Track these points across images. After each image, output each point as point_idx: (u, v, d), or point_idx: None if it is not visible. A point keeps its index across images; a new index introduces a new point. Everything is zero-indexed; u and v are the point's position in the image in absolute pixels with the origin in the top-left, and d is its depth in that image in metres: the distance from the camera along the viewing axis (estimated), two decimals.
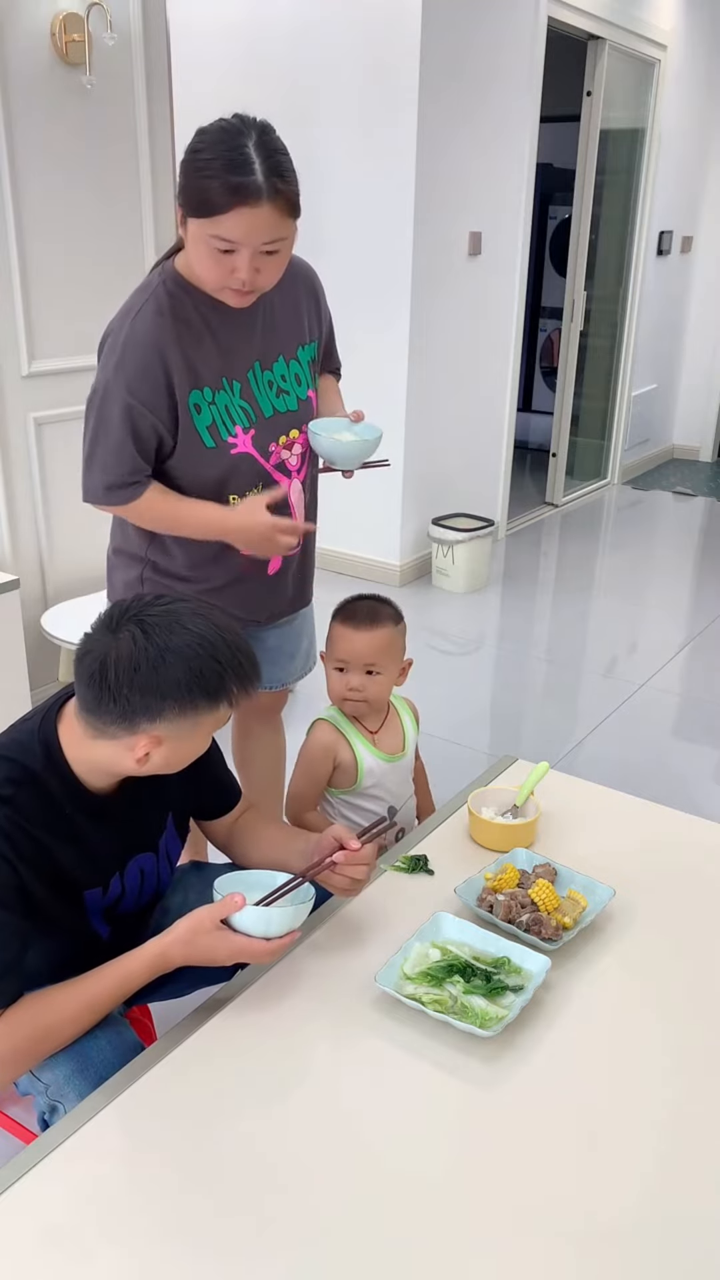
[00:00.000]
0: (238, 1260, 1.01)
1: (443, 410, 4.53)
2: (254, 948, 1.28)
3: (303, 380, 1.83)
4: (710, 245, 6.61)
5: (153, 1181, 1.08)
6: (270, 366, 1.77)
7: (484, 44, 4.14)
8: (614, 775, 2.94)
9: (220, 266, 1.57)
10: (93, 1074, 1.25)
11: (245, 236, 1.53)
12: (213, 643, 1.25)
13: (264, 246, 1.55)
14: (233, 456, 1.73)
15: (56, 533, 3.08)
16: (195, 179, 1.52)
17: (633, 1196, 1.08)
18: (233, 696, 1.27)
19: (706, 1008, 1.34)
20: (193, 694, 1.23)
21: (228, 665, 1.25)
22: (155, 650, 1.22)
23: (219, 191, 1.49)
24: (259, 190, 1.48)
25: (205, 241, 1.55)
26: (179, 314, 1.67)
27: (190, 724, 1.26)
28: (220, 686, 1.25)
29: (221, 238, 1.53)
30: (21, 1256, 1.01)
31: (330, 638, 1.85)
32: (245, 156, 1.48)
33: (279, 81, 4.16)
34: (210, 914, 1.27)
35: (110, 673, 1.21)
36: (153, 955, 1.28)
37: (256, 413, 1.75)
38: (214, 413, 1.70)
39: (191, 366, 1.67)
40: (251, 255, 1.55)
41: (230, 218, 1.50)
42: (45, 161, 2.80)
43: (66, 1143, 1.12)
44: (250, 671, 1.29)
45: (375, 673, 1.82)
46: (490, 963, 1.35)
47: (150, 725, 1.23)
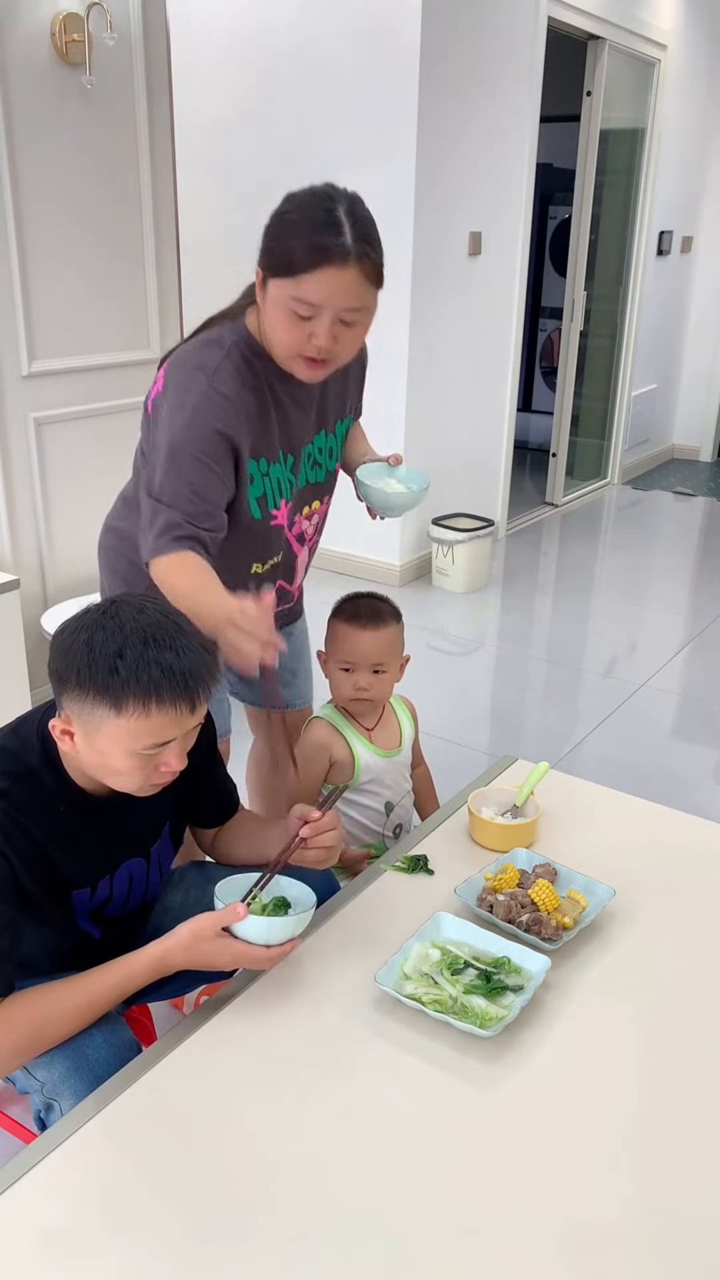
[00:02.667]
0: (238, 1260, 1.01)
1: (443, 410, 4.53)
2: (254, 954, 1.28)
3: (334, 454, 1.81)
4: (710, 245, 6.61)
5: (152, 1181, 1.08)
6: (312, 440, 1.74)
7: (484, 44, 4.14)
8: (614, 775, 2.94)
9: (298, 331, 1.51)
10: (88, 1073, 1.25)
11: (327, 299, 1.48)
12: (128, 636, 1.19)
13: (344, 314, 1.50)
14: (270, 528, 1.71)
15: (56, 533, 3.08)
16: (282, 239, 1.49)
17: (633, 1196, 1.08)
18: (125, 702, 1.18)
19: (707, 1007, 1.34)
20: (83, 677, 1.19)
21: (128, 665, 1.18)
22: (85, 623, 1.22)
23: (305, 250, 1.45)
24: (346, 251, 1.45)
25: (285, 304, 1.50)
26: (253, 383, 1.60)
27: (91, 719, 1.20)
28: (111, 683, 1.18)
29: (303, 300, 1.48)
30: (21, 1257, 1.01)
31: (333, 638, 1.85)
32: (335, 218, 1.46)
33: (279, 81, 4.16)
34: (212, 921, 1.27)
35: (54, 638, 1.24)
36: (154, 957, 1.28)
37: (294, 485, 1.74)
38: (266, 485, 1.67)
39: (253, 439, 1.61)
40: (331, 322, 1.50)
41: (314, 278, 1.46)
42: (45, 161, 2.80)
43: (66, 1143, 1.12)
44: (160, 686, 1.18)
45: (381, 671, 1.83)
46: (490, 963, 1.35)
47: (63, 698, 1.23)
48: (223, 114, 4.31)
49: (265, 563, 1.77)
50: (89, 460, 3.09)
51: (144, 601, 1.26)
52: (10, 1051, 1.23)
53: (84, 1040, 1.28)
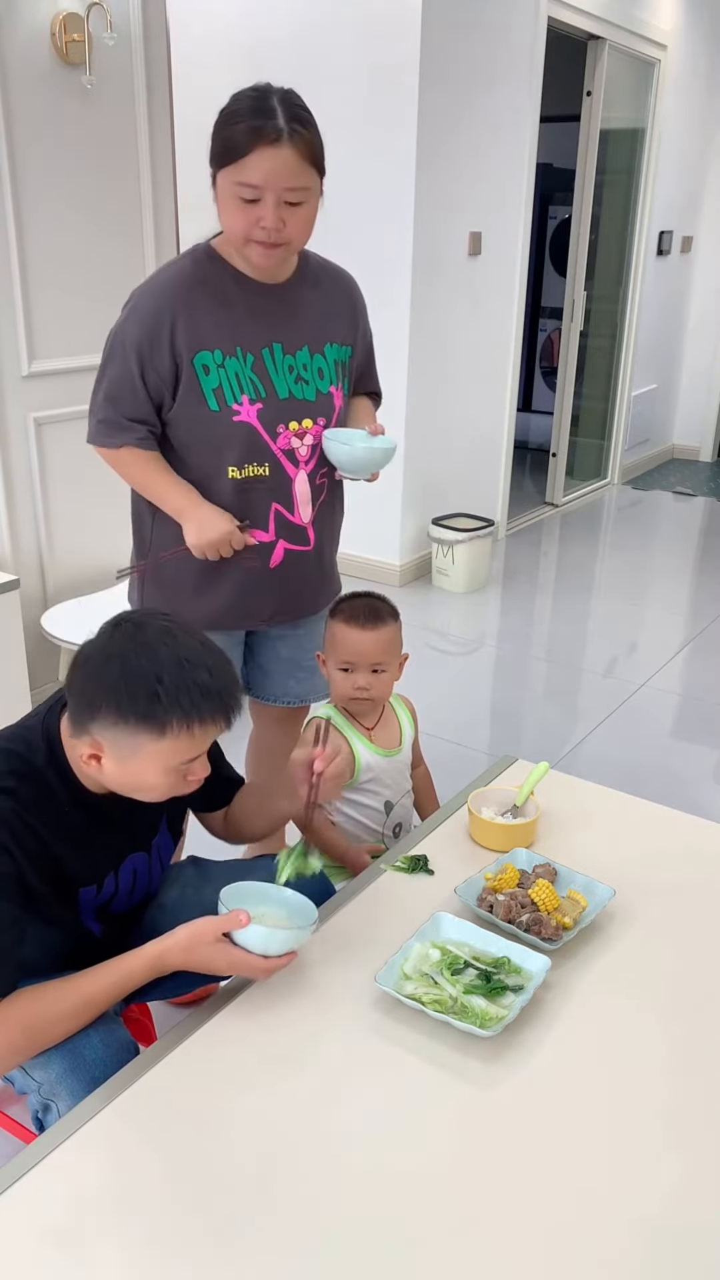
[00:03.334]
0: (237, 1260, 1.01)
1: (443, 410, 4.52)
2: (251, 963, 1.28)
3: (326, 375, 1.85)
4: (710, 245, 6.61)
5: (152, 1181, 1.08)
6: (292, 352, 1.80)
7: (484, 44, 4.13)
8: (614, 775, 2.94)
9: (246, 216, 1.63)
10: (85, 1073, 1.25)
11: (267, 179, 1.59)
12: (161, 663, 1.20)
13: (287, 194, 1.62)
14: (234, 424, 1.75)
15: (56, 533, 3.08)
16: (222, 130, 1.62)
17: (633, 1196, 1.08)
18: (169, 725, 1.21)
19: (706, 1007, 1.34)
20: (124, 707, 1.20)
21: (168, 691, 1.20)
22: (107, 651, 1.22)
23: (242, 134, 1.58)
24: (279, 131, 1.58)
25: (231, 192, 1.62)
26: (199, 276, 1.74)
27: (128, 743, 1.22)
28: (153, 711, 1.20)
29: (245, 183, 1.60)
30: (21, 1257, 1.01)
31: (332, 638, 1.85)
32: (269, 105, 1.59)
33: (279, 81, 4.14)
34: (214, 926, 1.28)
35: (79, 668, 1.24)
36: (151, 956, 1.28)
37: (268, 389, 1.77)
38: (222, 376, 1.74)
39: (199, 328, 1.72)
40: (276, 203, 1.61)
41: (252, 159, 1.58)
42: (45, 161, 2.80)
43: (66, 1143, 1.12)
44: (199, 706, 1.22)
45: (381, 671, 1.83)
46: (490, 963, 1.35)
47: (92, 726, 1.23)
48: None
49: (242, 468, 1.79)
50: (89, 460, 3.06)
51: (167, 622, 1.27)
52: (8, 1051, 1.23)
53: (81, 1041, 1.28)
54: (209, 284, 1.74)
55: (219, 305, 1.74)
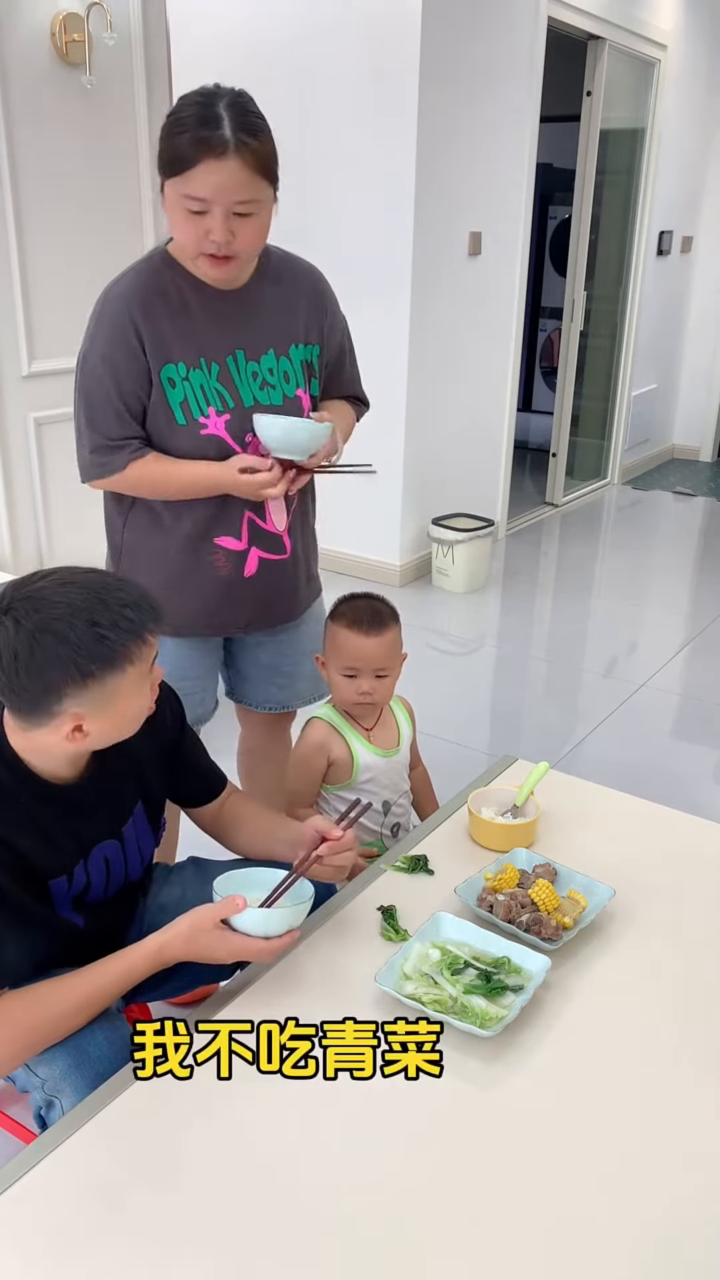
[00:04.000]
0: (237, 1259, 1.01)
1: (443, 410, 4.52)
2: (253, 947, 1.28)
3: (292, 378, 1.80)
4: (710, 245, 6.61)
5: (152, 1181, 1.08)
6: (256, 358, 1.75)
7: (484, 44, 4.14)
8: (614, 775, 2.94)
9: (195, 229, 1.57)
10: (89, 1070, 1.25)
11: (214, 192, 1.53)
12: (83, 608, 1.19)
13: (236, 206, 1.55)
14: (201, 437, 1.72)
15: (56, 533, 3.08)
16: (168, 138, 1.55)
17: (633, 1196, 1.08)
18: (130, 652, 1.22)
19: (707, 1007, 1.34)
20: (83, 665, 1.19)
21: (108, 625, 1.20)
22: (26, 634, 1.18)
23: (187, 144, 1.51)
24: (225, 143, 1.50)
25: (178, 203, 1.56)
26: (158, 286, 1.69)
27: (103, 692, 1.22)
28: (110, 649, 1.20)
29: (192, 195, 1.54)
30: (22, 1256, 1.01)
31: (334, 643, 1.84)
32: (215, 114, 1.51)
33: (279, 81, 4.16)
34: (211, 913, 1.28)
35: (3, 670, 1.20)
36: (153, 949, 1.28)
37: (235, 399, 1.74)
38: (187, 389, 1.70)
39: (164, 339, 1.68)
40: (224, 216, 1.55)
41: (198, 172, 1.51)
42: (45, 161, 2.80)
43: (67, 1142, 1.12)
44: (139, 618, 1.23)
45: (384, 674, 1.83)
46: (490, 963, 1.35)
47: (60, 706, 1.21)
48: None
49: None
50: None
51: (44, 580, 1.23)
52: (10, 1050, 1.23)
53: (85, 1037, 1.27)
54: (167, 293, 1.69)
55: (180, 315, 1.69)
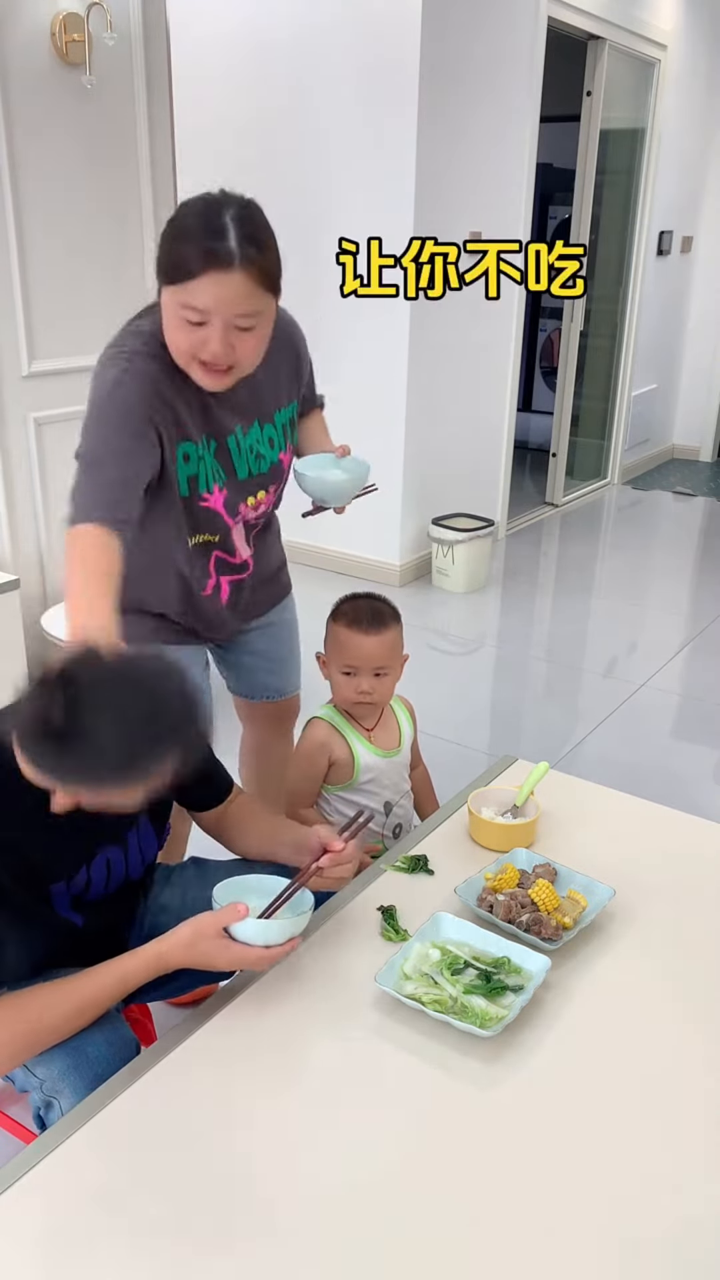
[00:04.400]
0: (237, 1260, 1.01)
1: (443, 410, 4.52)
2: (252, 955, 1.28)
3: (276, 443, 1.79)
4: (710, 245, 6.61)
5: (153, 1181, 1.08)
6: (247, 431, 1.73)
7: (484, 44, 4.13)
8: (614, 775, 2.94)
9: (191, 339, 1.51)
10: (88, 1071, 1.25)
11: (215, 305, 1.47)
12: (129, 725, 1.12)
13: (237, 320, 1.49)
14: (200, 508, 1.71)
15: (56, 533, 3.08)
16: (169, 246, 1.49)
17: (633, 1196, 1.08)
18: (147, 780, 1.15)
19: (707, 1007, 1.34)
20: (100, 778, 1.14)
21: (142, 756, 1.13)
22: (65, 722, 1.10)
23: (191, 256, 1.45)
24: (230, 256, 1.44)
25: (176, 312, 1.50)
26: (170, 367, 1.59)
27: (99, 796, 1.17)
28: (130, 777, 1.14)
29: (192, 306, 1.47)
30: (21, 1256, 1.01)
31: (334, 642, 1.84)
32: (221, 224, 1.45)
33: (279, 81, 4.16)
34: (213, 921, 1.28)
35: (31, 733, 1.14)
36: (152, 955, 1.28)
37: (229, 474, 1.72)
38: (201, 467, 1.67)
39: (180, 416, 1.62)
40: (224, 329, 1.49)
41: (200, 283, 1.45)
42: (45, 161, 2.80)
43: (67, 1143, 1.12)
44: (173, 751, 1.15)
45: (384, 674, 1.83)
46: (490, 963, 1.35)
47: (60, 787, 1.17)
48: (223, 114, 4.31)
49: (194, 536, 1.74)
50: None
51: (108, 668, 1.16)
52: (6, 1053, 1.23)
53: (84, 1038, 1.28)
54: (173, 374, 1.60)
55: (188, 392, 1.61)
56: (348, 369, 4.10)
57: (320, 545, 4.56)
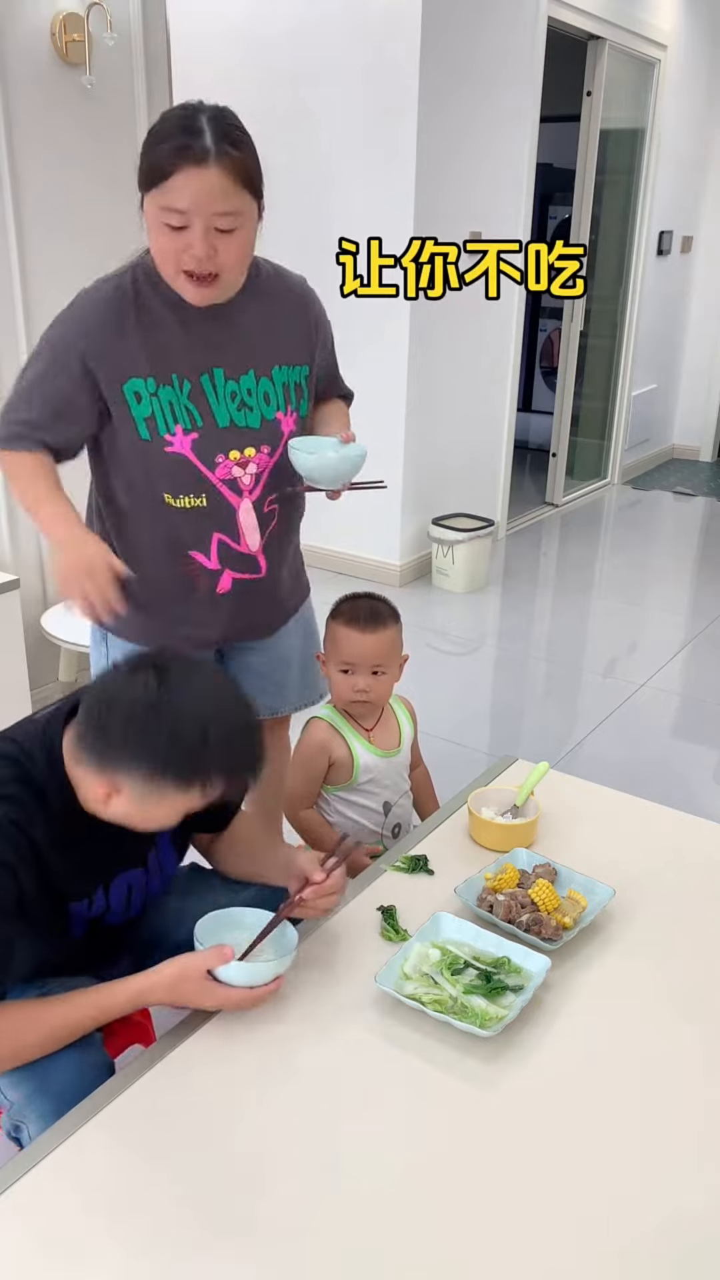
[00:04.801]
0: (236, 1260, 1.01)
1: (443, 410, 4.52)
2: (236, 997, 1.27)
3: (273, 400, 1.73)
4: (710, 245, 6.61)
5: (151, 1182, 1.08)
6: (235, 377, 1.69)
7: (484, 44, 4.13)
8: (614, 775, 2.94)
9: (174, 243, 1.52)
10: (52, 1095, 1.23)
11: (193, 202, 1.47)
12: (209, 723, 1.19)
13: (217, 220, 1.49)
14: (165, 454, 1.67)
15: None
16: (148, 151, 1.51)
17: (633, 1196, 1.08)
18: (206, 782, 1.21)
19: (707, 1007, 1.34)
20: (164, 766, 1.19)
21: (213, 751, 1.20)
22: (153, 702, 1.18)
23: (166, 154, 1.47)
24: (205, 151, 1.46)
25: (158, 218, 1.51)
26: (139, 299, 1.63)
27: (154, 792, 1.21)
28: (194, 768, 1.20)
29: (171, 208, 1.48)
30: (19, 1259, 1.01)
31: (332, 640, 1.85)
32: (196, 123, 1.47)
33: (279, 81, 4.16)
34: (197, 963, 1.26)
35: (109, 709, 1.20)
36: (133, 993, 1.27)
37: (206, 418, 1.68)
38: (155, 405, 1.64)
39: (132, 353, 1.62)
40: (205, 229, 1.49)
41: (177, 180, 1.46)
42: (45, 161, 2.80)
43: (66, 1143, 1.12)
44: (237, 766, 1.23)
45: (381, 673, 1.83)
46: (490, 963, 1.35)
47: (117, 771, 1.21)
48: None
49: (178, 497, 1.70)
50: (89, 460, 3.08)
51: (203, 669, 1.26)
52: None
53: (51, 1064, 1.26)
54: (147, 306, 1.62)
55: (155, 329, 1.63)
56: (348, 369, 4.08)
57: (320, 545, 4.55)
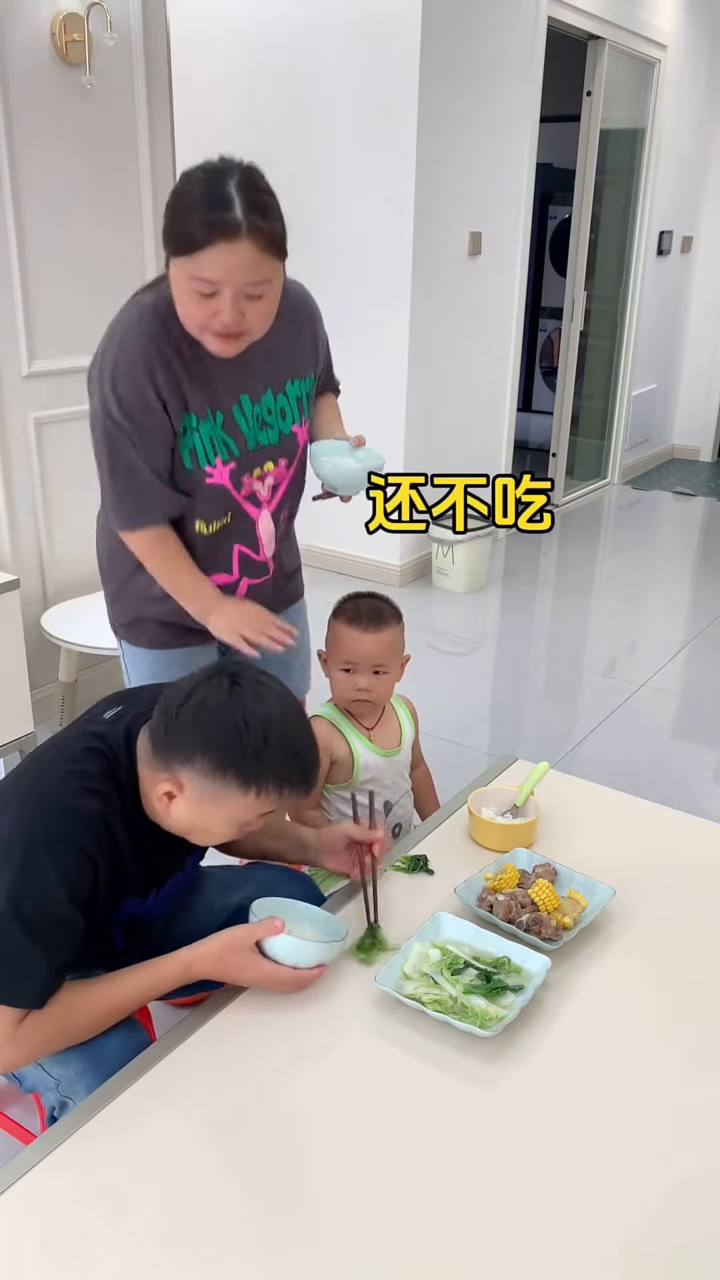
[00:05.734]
0: (237, 1259, 1.01)
1: (443, 410, 4.52)
2: (281, 975, 1.29)
3: (288, 414, 1.78)
4: (710, 245, 6.61)
5: (153, 1181, 1.08)
6: (257, 399, 1.73)
7: (484, 44, 4.13)
8: (614, 775, 2.94)
9: (203, 309, 1.53)
10: (105, 1070, 1.25)
11: (225, 275, 1.49)
12: (274, 726, 1.23)
13: (246, 288, 1.51)
14: (207, 485, 1.71)
15: (56, 533, 3.08)
16: (175, 219, 1.51)
17: (633, 1196, 1.08)
18: (263, 786, 1.23)
19: (707, 1007, 1.34)
20: (226, 759, 1.22)
21: (274, 753, 1.23)
22: (234, 703, 1.23)
23: (198, 228, 1.46)
24: (237, 225, 1.45)
25: (186, 284, 1.52)
26: (167, 338, 1.63)
27: (214, 792, 1.24)
28: (255, 768, 1.23)
29: (202, 278, 1.49)
30: (22, 1256, 1.01)
31: (334, 639, 1.85)
32: (225, 194, 1.46)
33: (279, 82, 4.16)
34: (248, 934, 1.29)
35: (181, 707, 1.24)
36: (183, 963, 1.29)
37: (240, 446, 1.72)
38: (197, 440, 1.68)
39: (178, 388, 1.64)
40: (234, 297, 1.51)
41: (208, 255, 1.47)
42: (45, 161, 2.80)
43: (66, 1143, 1.12)
44: (295, 777, 1.26)
45: (382, 672, 1.83)
46: (490, 963, 1.35)
47: (181, 766, 1.24)
48: (223, 114, 4.31)
49: (210, 523, 1.75)
50: (89, 460, 3.07)
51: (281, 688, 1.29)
52: (30, 1056, 1.24)
53: (101, 1040, 1.28)
54: (177, 344, 1.63)
55: (190, 365, 1.64)
56: (348, 370, 4.08)
57: (321, 545, 4.56)
